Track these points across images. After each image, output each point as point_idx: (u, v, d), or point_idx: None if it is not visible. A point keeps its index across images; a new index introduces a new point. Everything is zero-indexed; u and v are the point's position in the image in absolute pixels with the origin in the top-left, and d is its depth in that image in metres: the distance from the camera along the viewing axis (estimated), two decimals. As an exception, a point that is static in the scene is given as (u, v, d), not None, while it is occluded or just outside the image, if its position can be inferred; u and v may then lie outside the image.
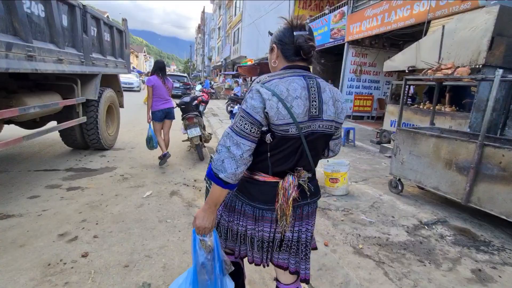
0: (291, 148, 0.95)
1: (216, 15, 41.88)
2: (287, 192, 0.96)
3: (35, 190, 3.02)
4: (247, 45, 23.66)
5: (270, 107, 0.87)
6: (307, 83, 0.94)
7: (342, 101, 1.05)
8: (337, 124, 1.03)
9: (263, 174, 1.00)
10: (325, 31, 10.07)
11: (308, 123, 0.93)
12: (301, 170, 1.00)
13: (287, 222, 0.98)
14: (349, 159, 5.12)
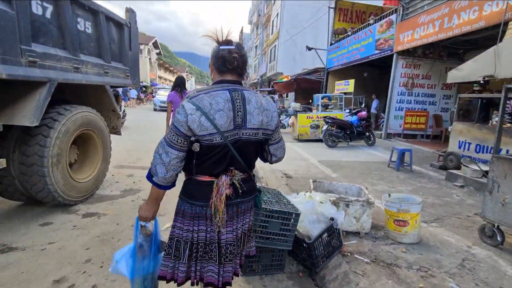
0: (220, 154, 1.10)
1: (253, 34, 43.13)
2: (220, 190, 1.09)
3: (51, 215, 2.75)
4: (284, 62, 23.53)
5: (192, 120, 1.03)
6: (232, 96, 1.08)
7: (273, 110, 1.17)
8: (266, 131, 1.15)
9: (200, 175, 1.14)
10: (370, 42, 9.30)
11: (234, 131, 1.08)
12: (234, 170, 1.13)
13: (221, 217, 1.10)
14: (407, 187, 4.22)
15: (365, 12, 12.85)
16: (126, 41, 4.02)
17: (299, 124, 8.11)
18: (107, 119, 3.77)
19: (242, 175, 1.16)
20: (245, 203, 1.21)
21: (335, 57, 11.82)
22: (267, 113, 1.14)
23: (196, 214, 1.14)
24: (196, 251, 1.15)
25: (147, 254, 1.27)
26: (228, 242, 1.17)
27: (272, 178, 4.62)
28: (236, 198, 1.15)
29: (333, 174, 4.82)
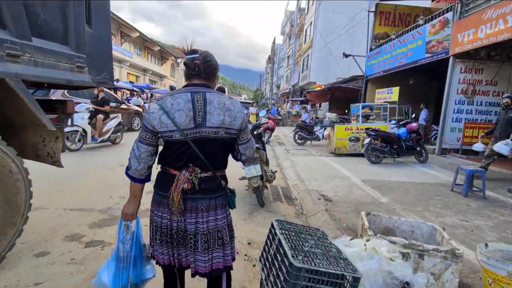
0: (180, 149, 1.22)
1: (286, 45, 42.98)
2: (178, 183, 1.20)
3: (51, 241, 2.39)
4: (317, 71, 22.75)
5: (153, 118, 1.18)
6: (193, 97, 1.20)
7: (237, 111, 1.26)
8: (229, 130, 1.25)
9: (167, 168, 1.28)
10: (418, 45, 8.27)
11: (195, 129, 1.19)
12: (193, 167, 1.23)
13: (176, 207, 1.20)
14: (486, 221, 3.26)
15: (410, 15, 11.75)
16: (76, 11, 2.20)
17: (336, 137, 7.31)
18: (33, 145, 2.26)
19: (204, 174, 1.25)
20: (206, 200, 1.27)
21: (375, 63, 10.85)
22: (230, 113, 1.24)
23: (159, 201, 1.28)
24: (165, 236, 1.28)
25: (128, 255, 1.32)
26: (191, 233, 1.25)
27: (308, 200, 3.94)
28: (195, 194, 1.23)
29: (382, 198, 3.99)
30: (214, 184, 1.29)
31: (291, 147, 8.76)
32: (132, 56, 30.18)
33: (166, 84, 41.31)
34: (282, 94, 42.33)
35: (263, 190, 3.63)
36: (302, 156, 7.03)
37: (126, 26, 28.54)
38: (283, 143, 9.67)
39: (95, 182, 4.17)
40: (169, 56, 41.53)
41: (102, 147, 7.07)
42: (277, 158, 7.09)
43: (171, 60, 44.14)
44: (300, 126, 9.29)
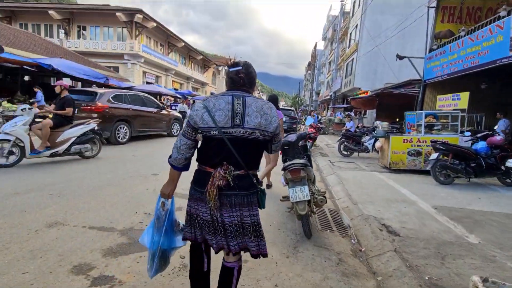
0: (217, 146, 1.35)
1: (327, 50, 41.56)
2: (214, 180, 1.32)
3: (55, 273, 1.98)
4: (362, 76, 21.23)
5: (196, 115, 1.35)
6: (233, 100, 1.35)
7: (273, 115, 1.41)
8: (264, 132, 1.38)
9: (203, 166, 1.42)
10: (498, 42, 6.83)
11: (232, 128, 1.33)
12: (228, 165, 1.34)
13: (213, 203, 1.33)
14: None
15: (481, 9, 10.08)
16: None
17: (392, 149, 6.25)
18: None
19: (238, 172, 1.36)
20: (240, 197, 1.39)
21: (437, 65, 9.41)
22: (266, 117, 1.38)
23: (197, 197, 1.42)
24: (204, 227, 1.43)
25: (161, 226, 1.54)
26: (227, 225, 1.38)
27: (366, 231, 3.13)
28: (229, 190, 1.35)
29: (470, 237, 3.01)
30: (247, 182, 1.40)
31: (335, 158, 7.85)
32: (177, 65, 31.70)
33: (207, 91, 42.69)
34: (322, 101, 40.77)
35: (309, 218, 2.93)
36: (350, 171, 6.12)
37: (173, 37, 30.10)
38: (326, 153, 8.77)
39: (124, 194, 3.86)
40: (211, 64, 42.95)
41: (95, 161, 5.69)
42: (321, 172, 6.28)
43: (213, 68, 45.59)
44: (346, 135, 8.34)
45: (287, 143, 3.32)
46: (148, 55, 25.24)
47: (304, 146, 3.75)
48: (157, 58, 26.92)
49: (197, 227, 1.44)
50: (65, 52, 19.69)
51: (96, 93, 6.73)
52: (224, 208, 1.37)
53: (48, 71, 10.87)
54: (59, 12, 24.81)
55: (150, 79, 26.99)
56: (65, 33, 25.46)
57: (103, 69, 20.93)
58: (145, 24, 24.45)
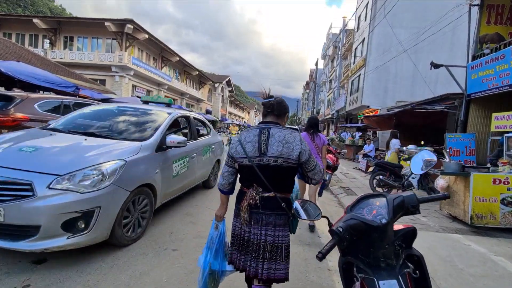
0: (249, 171, 1.58)
1: (327, 68, 40.42)
2: (246, 198, 1.57)
3: None
4: (371, 93, 19.38)
5: (232, 148, 1.65)
6: (260, 132, 1.58)
7: (296, 143, 1.53)
8: (287, 159, 1.52)
9: (243, 187, 1.66)
10: None
11: (259, 157, 1.54)
12: (257, 187, 1.56)
13: (243, 217, 1.57)
14: None
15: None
16: None
17: (475, 195, 3.93)
18: None
19: (266, 194, 1.55)
20: (267, 216, 1.55)
21: (490, 75, 7.36)
22: (288, 145, 1.52)
23: (237, 213, 1.66)
24: (237, 241, 1.64)
25: (213, 246, 1.73)
26: (250, 241, 1.57)
27: None
28: (257, 209, 1.56)
29: None
30: (274, 204, 1.55)
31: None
32: (171, 80, 29.86)
33: (202, 108, 40.76)
34: (322, 120, 38.99)
35: None
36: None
37: (167, 51, 28.49)
38: (350, 189, 6.42)
39: None
40: (207, 80, 41.34)
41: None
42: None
43: (209, 85, 44.01)
44: (381, 165, 6.03)
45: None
46: (138, 67, 23.35)
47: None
48: (148, 71, 25.03)
49: (235, 245, 1.64)
50: (44, 62, 17.65)
51: (12, 98, 4.33)
52: (252, 225, 1.56)
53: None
54: (44, 21, 23.12)
55: (141, 94, 24.92)
56: (50, 43, 23.65)
57: (86, 81, 18.87)
58: (136, 35, 22.76)
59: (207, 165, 4.95)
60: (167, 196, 3.52)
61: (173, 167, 3.51)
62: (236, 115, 66.52)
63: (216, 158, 5.47)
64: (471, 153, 7.89)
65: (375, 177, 5.94)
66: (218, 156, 5.57)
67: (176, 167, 3.62)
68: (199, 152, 4.47)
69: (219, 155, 5.66)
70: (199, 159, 4.49)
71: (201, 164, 4.59)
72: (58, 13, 34.44)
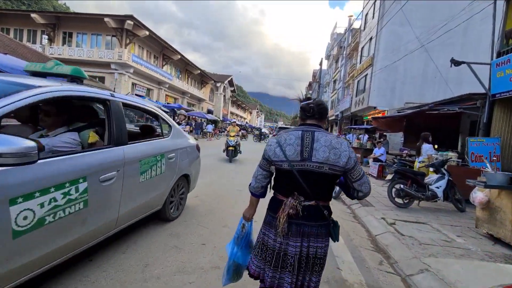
0: (288, 177, 1.44)
1: (331, 69, 39.68)
2: (285, 207, 1.40)
3: None
4: (378, 94, 18.65)
5: (269, 149, 1.48)
6: (302, 135, 1.43)
7: (343, 149, 1.39)
8: (333, 166, 1.38)
9: (277, 194, 1.52)
10: None
11: (300, 162, 1.39)
12: (297, 195, 1.42)
13: (281, 228, 1.39)
14: None
15: None
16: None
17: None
18: None
19: (308, 202, 1.42)
20: (309, 227, 1.42)
21: (518, 73, 6.63)
22: (335, 151, 1.38)
23: (269, 222, 1.51)
24: (265, 254, 1.48)
25: (238, 244, 1.69)
26: (289, 254, 1.41)
27: None
28: (298, 219, 1.41)
29: None
30: (317, 213, 1.43)
31: (387, 211, 4.81)
32: (172, 79, 29.24)
33: (204, 107, 40.12)
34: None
35: None
36: (450, 257, 3.04)
37: (169, 49, 27.87)
38: (365, 199, 5.69)
39: None
40: (209, 80, 40.71)
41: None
42: (387, 251, 3.20)
43: (211, 85, 43.37)
44: (403, 173, 5.31)
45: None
46: (138, 65, 22.74)
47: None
48: (149, 69, 24.42)
49: (263, 256, 1.49)
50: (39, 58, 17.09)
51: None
52: (291, 237, 1.41)
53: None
54: (42, 16, 22.58)
55: (141, 92, 24.31)
56: (48, 39, 23.13)
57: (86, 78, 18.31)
58: (136, 32, 22.15)
59: (157, 186, 3.00)
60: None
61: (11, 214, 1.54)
62: (238, 115, 65.91)
63: (181, 173, 3.51)
64: (496, 159, 7.16)
65: (394, 185, 5.22)
66: (184, 169, 3.58)
67: (33, 211, 1.65)
68: (133, 167, 2.58)
69: (185, 168, 3.62)
70: (135, 179, 2.61)
71: (142, 186, 2.72)
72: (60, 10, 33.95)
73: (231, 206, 4.34)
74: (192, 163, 3.87)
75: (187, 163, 3.70)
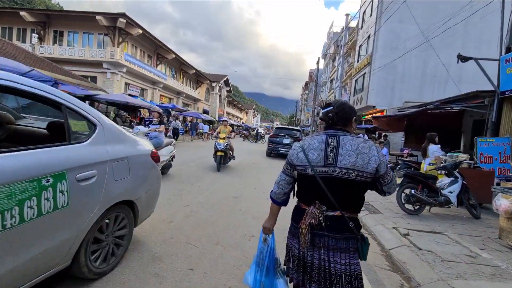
0: (310, 184, 1.36)
1: (328, 68, 39.38)
2: (307, 217, 1.33)
3: None
4: (377, 93, 18.31)
5: (292, 153, 1.43)
6: (327, 139, 1.35)
7: (372, 154, 1.30)
8: (361, 172, 1.28)
9: (300, 202, 1.45)
10: None
11: (324, 168, 1.32)
12: (319, 204, 1.32)
13: (303, 239, 1.32)
14: None
15: None
16: None
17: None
18: None
19: (331, 213, 1.32)
20: (334, 240, 1.31)
21: (530, 69, 6.27)
22: (363, 156, 1.29)
23: (293, 232, 1.43)
24: (297, 263, 1.39)
25: (263, 263, 1.53)
26: (314, 266, 1.32)
27: None
28: (321, 231, 1.31)
29: None
30: (341, 225, 1.31)
31: (395, 217, 4.40)
32: (166, 78, 28.63)
33: (199, 107, 39.52)
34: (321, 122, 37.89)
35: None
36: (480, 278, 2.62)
37: (163, 48, 27.27)
38: (372, 205, 5.27)
39: None
40: (204, 80, 40.11)
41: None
42: (407, 271, 2.77)
43: (206, 84, 42.78)
44: (412, 177, 4.89)
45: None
46: (131, 64, 22.15)
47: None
48: (143, 68, 23.83)
49: (292, 264, 1.42)
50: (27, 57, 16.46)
51: None
52: (316, 249, 1.33)
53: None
54: (32, 14, 21.87)
55: (134, 92, 23.70)
56: (38, 37, 22.41)
57: (74, 77, 17.66)
58: (129, 30, 21.57)
59: (50, 233, 1.69)
60: None
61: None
62: (234, 115, 65.37)
63: (115, 201, 2.20)
64: (506, 159, 6.80)
65: (403, 190, 4.80)
66: (123, 194, 2.30)
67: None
68: None
69: (126, 191, 2.35)
70: None
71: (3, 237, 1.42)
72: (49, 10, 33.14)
73: (225, 217, 3.88)
74: (142, 181, 2.57)
75: (130, 182, 2.37)
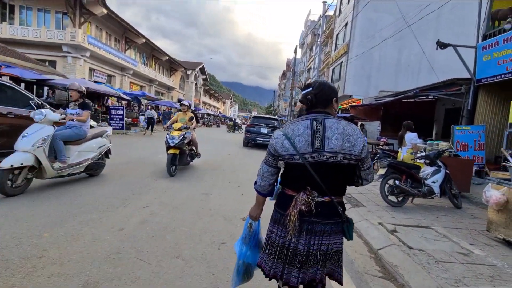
0: (299, 172, 1.29)
1: (305, 57, 39.20)
2: (296, 203, 1.26)
3: None
4: (354, 82, 18.32)
5: (276, 143, 1.31)
6: (312, 124, 1.27)
7: (357, 136, 1.26)
8: (348, 155, 1.25)
9: (286, 189, 1.37)
10: None
11: (312, 154, 1.25)
12: (310, 190, 1.27)
13: (292, 227, 1.25)
14: None
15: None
16: None
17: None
18: None
19: (321, 198, 1.28)
20: (322, 225, 1.29)
21: (507, 55, 6.25)
22: (349, 139, 1.25)
23: (277, 219, 1.37)
24: (275, 252, 1.34)
25: (247, 244, 1.57)
26: (298, 251, 1.29)
27: None
28: (310, 217, 1.27)
29: None
30: (331, 210, 1.31)
31: (379, 210, 4.14)
32: (136, 65, 26.72)
33: (174, 96, 37.77)
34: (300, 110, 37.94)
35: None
36: (482, 283, 2.35)
37: (131, 31, 25.26)
38: (354, 198, 4.98)
39: None
40: (178, 67, 38.25)
41: None
42: (401, 277, 2.43)
43: (181, 72, 40.92)
44: (396, 167, 4.62)
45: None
46: (96, 48, 20.25)
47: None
48: (109, 53, 21.95)
49: (270, 255, 1.37)
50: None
51: None
52: (302, 235, 1.29)
53: None
54: (-27, -14, 19.06)
55: (100, 78, 21.84)
56: (-17, 14, 19.68)
57: (28, 60, 15.70)
58: (92, 9, 19.55)
59: None
60: None
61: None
62: (211, 105, 63.72)
63: None
64: (480, 147, 6.86)
65: (387, 181, 4.54)
66: None
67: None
68: None
69: None
70: None
71: None
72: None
73: (190, 221, 3.31)
74: None
75: None
